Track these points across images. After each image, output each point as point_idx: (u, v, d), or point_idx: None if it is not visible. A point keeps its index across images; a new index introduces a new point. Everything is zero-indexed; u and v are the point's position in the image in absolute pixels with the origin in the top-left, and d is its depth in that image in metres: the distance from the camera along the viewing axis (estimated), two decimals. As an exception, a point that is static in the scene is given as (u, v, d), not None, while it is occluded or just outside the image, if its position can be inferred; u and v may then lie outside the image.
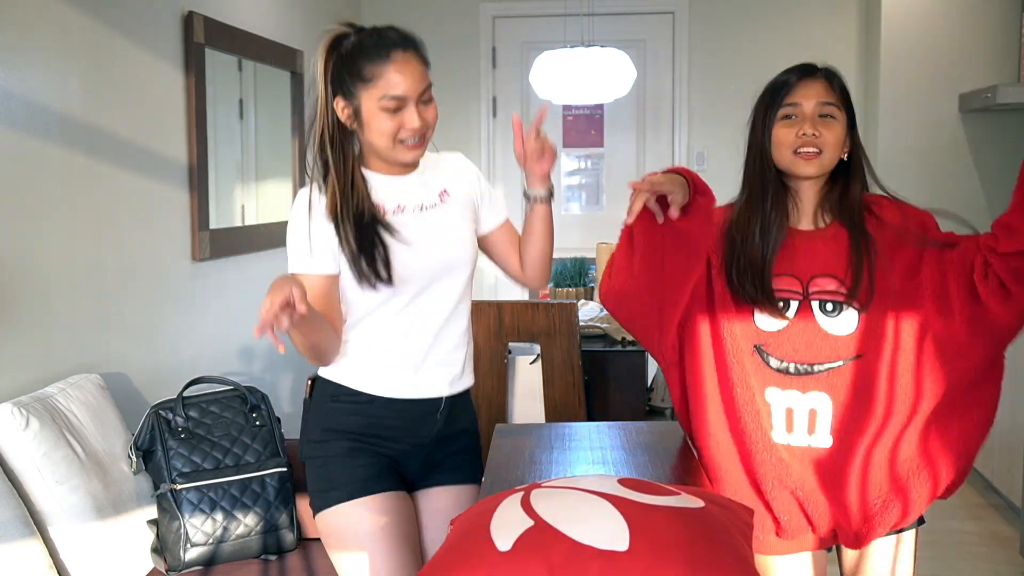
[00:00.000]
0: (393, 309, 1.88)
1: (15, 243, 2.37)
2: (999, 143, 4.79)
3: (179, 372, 3.10)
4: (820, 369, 1.77)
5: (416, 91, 1.79)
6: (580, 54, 4.03)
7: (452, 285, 1.92)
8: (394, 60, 1.78)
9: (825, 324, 1.76)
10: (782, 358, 1.78)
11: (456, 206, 1.95)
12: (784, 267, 1.79)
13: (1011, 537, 3.67)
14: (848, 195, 1.81)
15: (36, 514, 2.14)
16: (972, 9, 4.79)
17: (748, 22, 5.21)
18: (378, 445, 1.92)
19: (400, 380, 1.91)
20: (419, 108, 1.80)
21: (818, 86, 1.78)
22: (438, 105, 1.89)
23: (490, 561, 1.26)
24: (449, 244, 1.91)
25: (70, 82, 2.61)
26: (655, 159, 5.38)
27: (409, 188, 1.91)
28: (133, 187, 2.93)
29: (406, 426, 1.93)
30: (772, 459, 1.80)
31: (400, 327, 1.89)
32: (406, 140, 1.81)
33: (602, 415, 3.39)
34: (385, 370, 1.90)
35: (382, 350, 1.90)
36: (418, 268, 1.87)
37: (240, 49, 3.67)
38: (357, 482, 1.87)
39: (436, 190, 1.94)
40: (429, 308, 1.90)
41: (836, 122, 1.78)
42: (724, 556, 1.28)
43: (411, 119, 1.79)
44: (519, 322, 3.18)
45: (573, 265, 4.02)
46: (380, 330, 1.89)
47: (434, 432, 1.96)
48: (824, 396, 1.77)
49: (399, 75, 1.78)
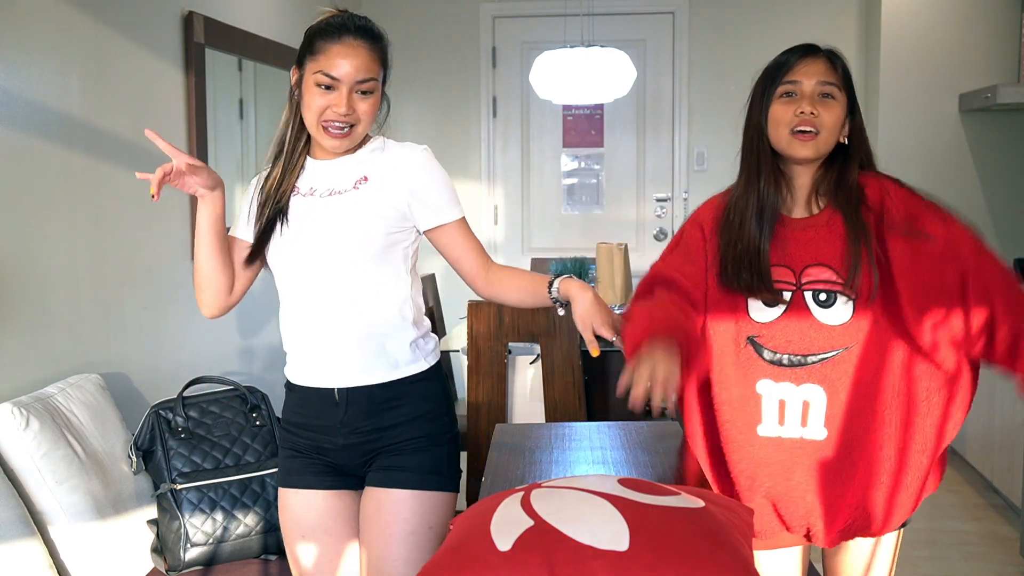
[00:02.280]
0: (298, 293, 1.88)
1: (15, 243, 2.37)
2: (999, 143, 4.79)
3: (179, 372, 3.10)
4: (814, 360, 1.75)
5: (352, 78, 1.78)
6: (580, 54, 4.03)
7: (352, 274, 1.84)
8: (342, 41, 1.79)
9: (819, 314, 1.75)
10: (775, 349, 1.77)
11: (371, 196, 1.86)
12: (776, 257, 1.78)
13: (1011, 537, 3.67)
14: (844, 179, 1.78)
15: (36, 514, 2.14)
16: (972, 9, 4.79)
17: (748, 22, 5.21)
18: (299, 435, 1.94)
19: (299, 366, 1.92)
20: (351, 96, 1.79)
21: (819, 64, 1.76)
22: (438, 105, 1.89)
23: (490, 561, 1.26)
24: (341, 231, 1.84)
25: (70, 82, 2.61)
26: (655, 159, 5.38)
27: (329, 171, 1.88)
28: (133, 187, 2.93)
29: (311, 415, 1.91)
30: (749, 457, 1.80)
31: (303, 312, 1.88)
32: (329, 125, 1.81)
33: (602, 415, 3.39)
34: (292, 355, 1.93)
35: (290, 335, 1.92)
36: (300, 253, 1.85)
37: (240, 49, 3.67)
38: (284, 472, 1.95)
39: (355, 177, 1.87)
40: (328, 295, 1.85)
41: (836, 103, 1.75)
42: (724, 556, 1.28)
43: (337, 102, 1.78)
44: (519, 322, 3.18)
45: (573, 265, 4.02)
46: (289, 315, 1.91)
47: (340, 423, 1.88)
48: (818, 388, 1.75)
49: (340, 57, 1.78)
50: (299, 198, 1.87)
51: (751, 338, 1.79)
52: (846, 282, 1.72)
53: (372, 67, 1.81)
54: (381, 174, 1.86)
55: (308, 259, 1.85)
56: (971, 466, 4.35)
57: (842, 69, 1.78)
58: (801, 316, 1.75)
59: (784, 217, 1.81)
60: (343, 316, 1.85)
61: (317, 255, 1.84)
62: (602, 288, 3.92)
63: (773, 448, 1.78)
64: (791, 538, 1.84)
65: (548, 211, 5.49)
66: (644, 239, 5.39)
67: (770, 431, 1.78)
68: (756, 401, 1.79)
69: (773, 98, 1.77)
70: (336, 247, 1.83)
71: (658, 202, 5.38)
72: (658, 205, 5.38)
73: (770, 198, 1.79)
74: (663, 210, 5.37)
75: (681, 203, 5.35)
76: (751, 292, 1.78)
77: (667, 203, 5.38)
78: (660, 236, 5.37)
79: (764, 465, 1.79)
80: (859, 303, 1.73)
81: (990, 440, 4.01)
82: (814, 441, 1.77)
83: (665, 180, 5.38)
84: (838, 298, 1.74)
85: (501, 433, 2.18)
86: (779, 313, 1.76)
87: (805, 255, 1.77)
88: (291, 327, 1.91)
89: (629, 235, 5.36)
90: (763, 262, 1.77)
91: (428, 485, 1.87)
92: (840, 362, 1.74)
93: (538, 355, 3.23)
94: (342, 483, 1.92)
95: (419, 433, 1.88)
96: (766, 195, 1.79)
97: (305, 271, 1.86)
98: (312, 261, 1.85)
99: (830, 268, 1.75)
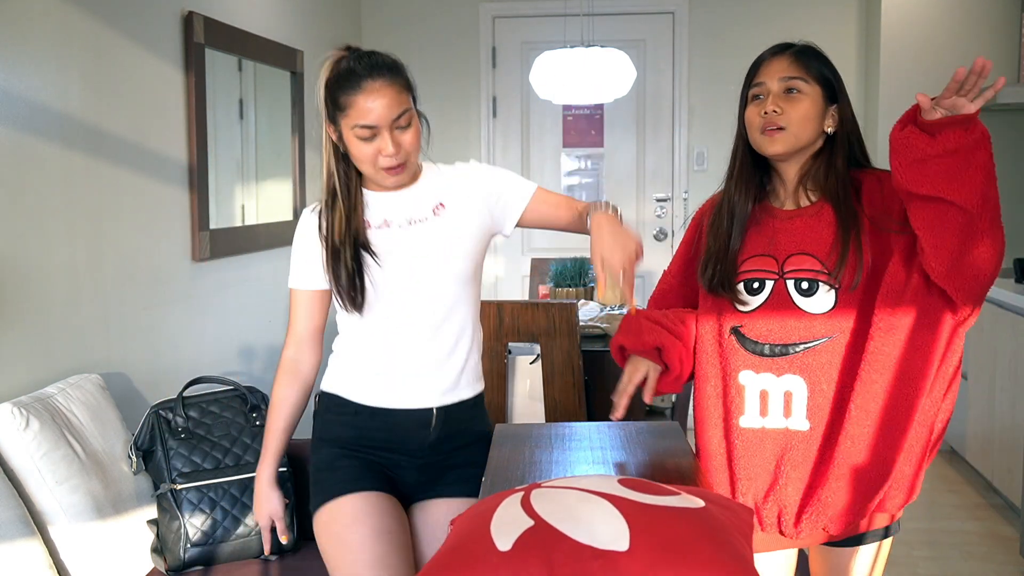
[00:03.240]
0: (378, 320, 1.92)
1: (15, 243, 2.37)
2: (999, 143, 4.75)
3: (179, 372, 3.10)
4: (794, 350, 1.76)
5: (387, 119, 1.80)
6: (580, 54, 4.03)
7: (439, 297, 1.92)
8: (364, 90, 1.79)
9: (801, 303, 1.75)
10: (757, 339, 1.78)
11: (453, 218, 1.94)
12: (762, 247, 1.81)
13: (1011, 537, 3.67)
14: (832, 169, 1.79)
15: (36, 514, 2.14)
16: (972, 9, 4.79)
17: (748, 22, 5.21)
18: (369, 454, 1.95)
19: (386, 390, 1.93)
20: (394, 134, 1.82)
21: (782, 62, 1.78)
22: (438, 105, 1.91)
23: (490, 561, 1.26)
24: (435, 257, 1.91)
25: (70, 82, 2.61)
26: (655, 159, 5.38)
27: (400, 203, 1.93)
28: (133, 187, 2.93)
29: (396, 437, 1.95)
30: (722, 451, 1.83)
31: (386, 338, 1.92)
32: (386, 168, 1.84)
33: (602, 415, 3.39)
34: (372, 380, 1.94)
35: (369, 360, 1.94)
36: (396, 283, 1.90)
37: (240, 49, 3.67)
38: (343, 482, 1.92)
39: (430, 204, 1.94)
40: (415, 320, 1.91)
41: (803, 96, 1.76)
42: (724, 556, 1.28)
43: (385, 146, 1.81)
44: (519, 322, 3.18)
45: (573, 265, 4.02)
46: (367, 341, 1.93)
47: (427, 443, 1.96)
48: (798, 379, 1.75)
49: (369, 103, 1.79)
50: (373, 231, 1.91)
51: (735, 328, 1.82)
52: (831, 272, 1.73)
53: (402, 99, 1.82)
54: (454, 197, 1.94)
55: (401, 287, 1.90)
56: (971, 466, 4.35)
57: (808, 60, 1.79)
58: (783, 305, 1.77)
59: (775, 210, 1.83)
60: (437, 337, 1.93)
61: (411, 282, 1.90)
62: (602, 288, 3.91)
63: (757, 439, 1.79)
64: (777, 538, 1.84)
65: (548, 211, 5.49)
66: (644, 239, 5.37)
67: (752, 422, 1.80)
68: (739, 392, 1.80)
69: (747, 101, 1.83)
70: (429, 272, 1.90)
71: (658, 202, 5.39)
72: (658, 205, 5.38)
73: (740, 200, 1.84)
74: (663, 210, 5.37)
75: (681, 203, 5.35)
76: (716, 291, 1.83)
77: (667, 203, 5.38)
78: (660, 236, 5.37)
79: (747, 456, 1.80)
80: (842, 292, 1.73)
81: (990, 440, 4.02)
82: (799, 432, 1.77)
83: (665, 180, 5.38)
84: (820, 287, 1.74)
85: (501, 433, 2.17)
86: (761, 302, 1.78)
87: (789, 244, 1.78)
88: (378, 353, 1.94)
89: (629, 235, 5.36)
90: (729, 263, 1.81)
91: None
92: (822, 352, 1.75)
93: (538, 355, 3.23)
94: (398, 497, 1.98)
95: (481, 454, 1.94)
96: (736, 197, 1.84)
97: (396, 299, 1.91)
98: (404, 288, 1.90)
99: (813, 257, 1.76)
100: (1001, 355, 3.89)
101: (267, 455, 2.02)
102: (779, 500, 1.79)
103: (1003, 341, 3.87)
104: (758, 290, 1.78)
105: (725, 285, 1.82)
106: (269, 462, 2.01)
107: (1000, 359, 3.90)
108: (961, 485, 4.31)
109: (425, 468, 1.98)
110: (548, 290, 4.02)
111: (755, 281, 1.80)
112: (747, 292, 1.80)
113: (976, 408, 4.19)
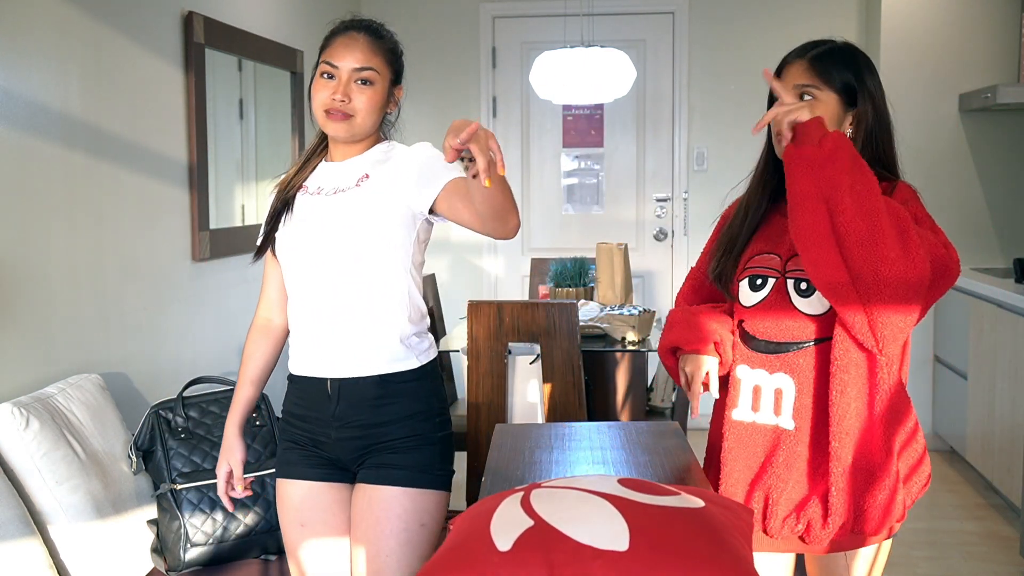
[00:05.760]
0: (300, 285, 1.95)
1: (15, 243, 2.37)
2: (999, 143, 4.79)
3: (179, 372, 3.10)
4: (787, 349, 1.77)
5: (349, 66, 1.88)
6: (580, 54, 4.03)
7: (350, 268, 1.88)
8: (345, 35, 1.92)
9: (798, 303, 1.77)
10: (755, 335, 1.81)
11: (372, 192, 1.89)
12: (768, 245, 1.83)
13: (1011, 537, 3.67)
14: None
15: (36, 514, 2.14)
16: (972, 9, 4.79)
17: (748, 22, 5.21)
18: (296, 427, 1.99)
19: (298, 356, 1.97)
20: (350, 84, 1.88)
21: (797, 67, 1.80)
22: (438, 105, 1.92)
23: (490, 561, 1.26)
24: (343, 228, 1.88)
25: (70, 82, 2.61)
26: (655, 159, 5.38)
27: (336, 172, 1.96)
28: (133, 187, 2.93)
29: (307, 406, 1.96)
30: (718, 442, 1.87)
31: (304, 303, 1.94)
32: (329, 110, 1.89)
33: (602, 415, 3.39)
34: (295, 345, 1.99)
35: (293, 325, 1.99)
36: (304, 247, 1.92)
37: (240, 49, 3.67)
38: (281, 463, 2.01)
39: (357, 175, 1.93)
40: (327, 287, 1.90)
41: (816, 104, 1.76)
42: (724, 556, 1.28)
43: (337, 88, 1.88)
44: (519, 322, 3.18)
45: (573, 265, 4.02)
46: (292, 306, 1.98)
47: (332, 416, 1.91)
48: (787, 378, 1.77)
49: (341, 47, 1.89)
50: (307, 196, 1.96)
51: (740, 322, 1.86)
52: None
53: (371, 58, 1.89)
54: (383, 171, 1.92)
55: (310, 253, 1.92)
56: (971, 466, 4.35)
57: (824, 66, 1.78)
58: (781, 302, 1.79)
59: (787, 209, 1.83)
60: (339, 308, 1.90)
61: (318, 249, 1.91)
62: (602, 288, 3.92)
63: (747, 433, 1.81)
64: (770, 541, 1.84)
65: (548, 211, 5.49)
66: (644, 239, 5.39)
67: (743, 416, 1.82)
68: (735, 384, 1.82)
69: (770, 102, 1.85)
70: (335, 242, 1.89)
71: (658, 202, 5.38)
72: (658, 205, 5.38)
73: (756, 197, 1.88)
74: (663, 210, 5.37)
75: (681, 203, 5.35)
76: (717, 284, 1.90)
77: (667, 203, 5.37)
78: (660, 236, 5.37)
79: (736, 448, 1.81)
80: None
81: (990, 440, 4.02)
82: (786, 431, 1.78)
83: (665, 180, 5.38)
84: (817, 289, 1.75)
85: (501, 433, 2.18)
86: (762, 297, 1.81)
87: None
88: (293, 317, 1.98)
89: (629, 235, 5.36)
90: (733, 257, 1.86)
91: (419, 483, 1.89)
92: (811, 354, 1.76)
93: (538, 355, 3.23)
94: (338, 476, 1.96)
95: (410, 432, 1.90)
96: (754, 194, 1.89)
97: (307, 264, 1.93)
98: (313, 255, 1.92)
99: None
100: (1001, 355, 3.89)
101: (236, 404, 2.07)
102: (764, 496, 1.79)
103: (1003, 341, 3.87)
104: (761, 286, 1.80)
105: (722, 279, 1.89)
106: (237, 411, 2.06)
107: (1000, 359, 3.90)
108: (961, 485, 4.31)
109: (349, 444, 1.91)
110: (548, 290, 4.02)
111: (759, 278, 1.82)
112: (750, 288, 1.83)
113: (976, 408, 4.19)
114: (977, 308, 4.17)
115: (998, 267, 4.69)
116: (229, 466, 2.05)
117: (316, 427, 1.95)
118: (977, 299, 4.17)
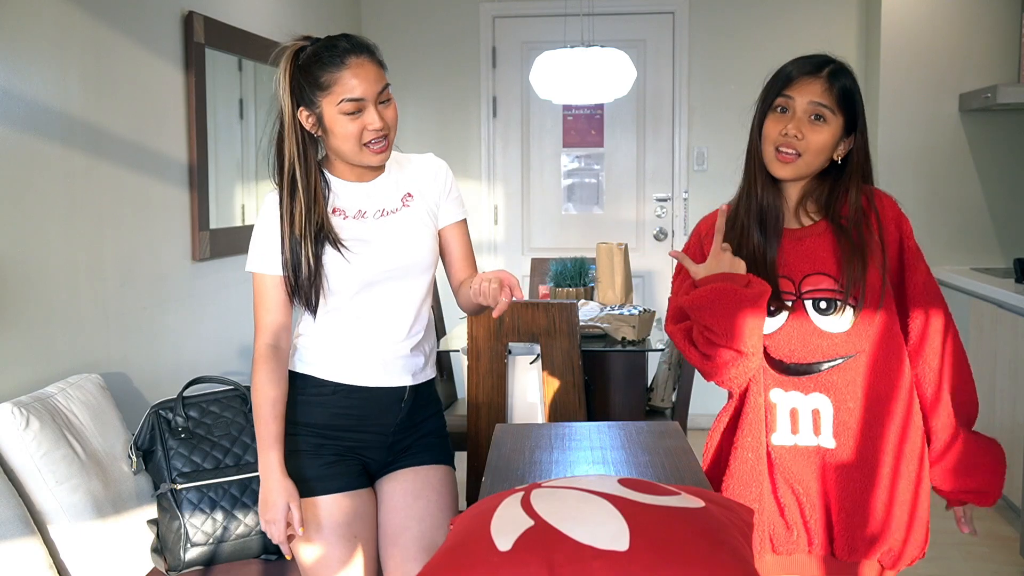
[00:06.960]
0: (359, 306, 1.95)
1: (15, 243, 2.37)
2: (999, 143, 4.79)
3: (179, 372, 3.10)
4: (819, 368, 1.76)
5: (373, 92, 1.84)
6: (580, 54, 4.03)
7: (414, 285, 1.98)
8: (349, 65, 1.84)
9: (820, 322, 1.75)
10: (781, 359, 1.78)
11: (418, 210, 2.00)
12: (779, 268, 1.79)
13: (1011, 537, 3.67)
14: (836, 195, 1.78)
15: (36, 514, 2.14)
16: (972, 9, 4.79)
17: (748, 22, 5.21)
18: (341, 439, 1.98)
19: (367, 370, 1.98)
20: (378, 109, 1.86)
21: (817, 85, 1.75)
22: (438, 105, 1.93)
23: (490, 561, 1.26)
24: (407, 248, 1.96)
25: (70, 82, 2.61)
26: (655, 159, 5.38)
27: (373, 193, 1.97)
28: (133, 187, 2.93)
29: (370, 414, 1.99)
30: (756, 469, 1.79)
31: (366, 323, 1.96)
32: (370, 143, 1.87)
33: (602, 415, 3.39)
34: (352, 361, 1.97)
35: (349, 342, 1.97)
36: (373, 272, 1.93)
37: (240, 49, 3.67)
38: (321, 479, 1.95)
39: (400, 194, 1.99)
40: (393, 304, 1.96)
41: (826, 126, 1.74)
42: (724, 556, 1.28)
43: (372, 120, 1.84)
44: (519, 322, 3.18)
45: (573, 265, 4.01)
46: (347, 324, 1.96)
47: (397, 420, 2.02)
48: (824, 397, 1.76)
49: (355, 79, 1.83)
50: (351, 220, 1.94)
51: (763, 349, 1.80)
52: (843, 290, 1.73)
53: (381, 75, 1.89)
54: (420, 189, 2.00)
55: (374, 276, 1.94)
56: (971, 466, 4.34)
57: (841, 89, 1.75)
58: (803, 324, 1.76)
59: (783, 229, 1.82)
60: (415, 320, 1.99)
61: (383, 271, 1.94)
62: (602, 288, 3.91)
63: (790, 456, 1.79)
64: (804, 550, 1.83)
65: (548, 211, 5.49)
66: (644, 239, 5.39)
67: (784, 440, 1.79)
68: (771, 409, 1.79)
69: (769, 109, 1.78)
70: (402, 261, 1.95)
71: (658, 202, 5.38)
72: (658, 205, 5.38)
73: (770, 205, 1.80)
74: (663, 210, 5.37)
75: (681, 203, 5.35)
76: None
77: (667, 203, 5.37)
78: (660, 236, 5.37)
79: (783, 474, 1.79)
80: (860, 311, 1.73)
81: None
82: (829, 450, 1.77)
83: (665, 180, 5.38)
84: (838, 306, 1.74)
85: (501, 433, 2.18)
86: (781, 322, 1.77)
87: (804, 265, 1.78)
88: (353, 336, 1.97)
89: (629, 235, 5.36)
90: (769, 271, 1.77)
91: (453, 465, 2.13)
92: (846, 370, 1.75)
93: (538, 355, 3.23)
94: (369, 482, 2.04)
95: (441, 423, 2.13)
96: (764, 202, 1.80)
97: (369, 286, 1.94)
98: (377, 277, 1.94)
99: (829, 276, 1.75)
100: (1001, 355, 3.89)
101: (273, 442, 1.90)
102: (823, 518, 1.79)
103: (1003, 341, 3.87)
104: (777, 311, 1.77)
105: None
106: (276, 448, 1.90)
107: (1000, 359, 3.90)
108: (961, 485, 4.30)
109: (393, 446, 2.04)
110: (548, 290, 4.02)
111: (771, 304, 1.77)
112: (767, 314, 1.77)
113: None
114: (977, 308, 4.17)
115: (998, 267, 4.69)
116: (289, 506, 1.88)
117: (369, 435, 2.00)
118: (977, 299, 4.16)
